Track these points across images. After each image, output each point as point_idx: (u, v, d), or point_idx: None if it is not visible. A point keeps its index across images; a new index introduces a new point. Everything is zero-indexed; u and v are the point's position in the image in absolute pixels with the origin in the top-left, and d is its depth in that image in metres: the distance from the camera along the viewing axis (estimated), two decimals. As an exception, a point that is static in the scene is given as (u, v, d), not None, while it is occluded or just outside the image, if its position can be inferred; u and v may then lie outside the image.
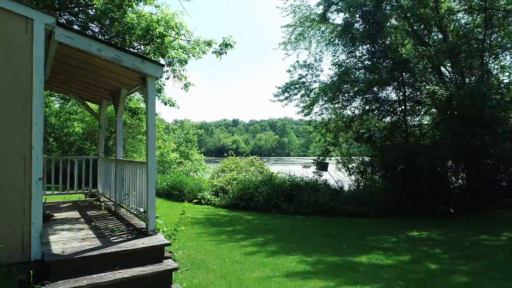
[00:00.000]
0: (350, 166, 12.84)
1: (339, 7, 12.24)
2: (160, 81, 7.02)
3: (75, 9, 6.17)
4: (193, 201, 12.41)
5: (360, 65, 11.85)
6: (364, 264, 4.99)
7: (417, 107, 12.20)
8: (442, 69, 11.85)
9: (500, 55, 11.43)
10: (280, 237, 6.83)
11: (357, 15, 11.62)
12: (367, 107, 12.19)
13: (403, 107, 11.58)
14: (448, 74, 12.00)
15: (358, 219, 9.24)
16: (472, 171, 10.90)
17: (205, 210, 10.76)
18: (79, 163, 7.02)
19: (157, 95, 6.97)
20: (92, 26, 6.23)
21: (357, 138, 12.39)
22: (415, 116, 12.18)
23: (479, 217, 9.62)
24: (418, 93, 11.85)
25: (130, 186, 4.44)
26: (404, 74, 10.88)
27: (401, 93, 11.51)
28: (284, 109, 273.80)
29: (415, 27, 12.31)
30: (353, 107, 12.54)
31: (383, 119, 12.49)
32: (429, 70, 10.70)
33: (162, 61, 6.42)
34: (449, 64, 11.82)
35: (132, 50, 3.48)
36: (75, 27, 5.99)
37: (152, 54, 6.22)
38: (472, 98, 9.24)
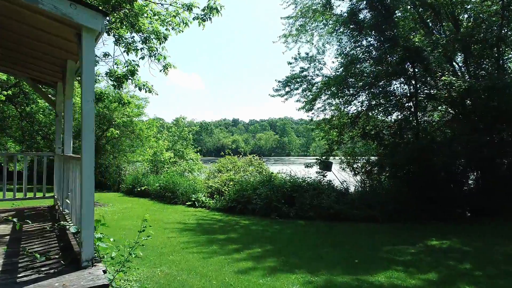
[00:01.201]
0: (355, 165, 11.91)
1: (344, -8, 11.27)
2: (133, 61, 5.98)
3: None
4: (187, 203, 11.51)
5: (367, 55, 10.89)
6: (384, 286, 4.04)
7: (428, 102, 11.25)
8: (453, 62, 10.93)
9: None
10: (280, 248, 5.88)
11: (364, 1, 10.66)
12: (373, 102, 11.25)
13: (413, 102, 10.62)
14: (458, 67, 11.06)
15: (366, 224, 8.29)
16: (487, 171, 9.97)
17: (198, 214, 9.82)
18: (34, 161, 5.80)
19: (130, 78, 5.93)
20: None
21: (364, 135, 11.44)
22: (426, 112, 11.22)
23: (499, 222, 8.67)
24: (430, 87, 10.90)
25: (71, 191, 3.36)
26: (415, 65, 9.91)
27: (412, 87, 10.56)
28: (284, 109, 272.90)
29: (425, 17, 11.37)
30: (358, 102, 11.60)
31: (391, 115, 11.55)
32: (444, 60, 9.72)
33: (136, 37, 5.39)
34: (461, 57, 10.90)
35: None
36: None
37: (119, 23, 5.15)
38: (494, 90, 8.30)
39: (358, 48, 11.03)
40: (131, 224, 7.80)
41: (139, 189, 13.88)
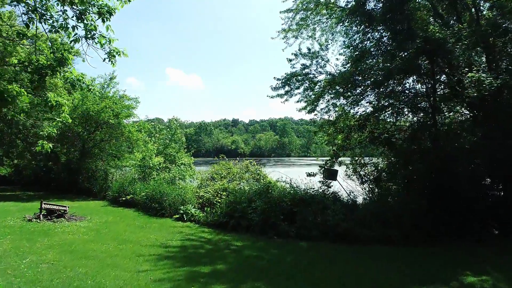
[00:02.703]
0: (362, 173, 10.58)
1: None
2: (62, 44, 4.59)
3: None
4: (174, 216, 10.23)
5: (376, 49, 9.61)
6: None
7: (444, 103, 9.94)
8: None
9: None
10: (277, 289, 4.61)
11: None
12: (383, 102, 9.97)
13: (430, 103, 9.34)
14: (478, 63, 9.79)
15: (381, 247, 7.02)
16: (510, 180, 8.74)
17: (185, 230, 8.57)
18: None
19: (58, 70, 4.51)
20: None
21: (373, 140, 10.15)
22: (444, 114, 9.91)
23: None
24: (445, 85, 9.61)
25: None
26: (435, 59, 8.63)
27: (430, 85, 9.28)
28: (285, 109, 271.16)
29: (438, 8, 10.11)
30: (367, 102, 10.32)
31: (403, 117, 10.28)
32: (473, 53, 8.43)
33: (70, 11, 3.86)
34: (480, 51, 9.63)
35: None
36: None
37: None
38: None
39: (367, 41, 9.75)
40: (101, 249, 6.52)
41: (124, 199, 12.62)
